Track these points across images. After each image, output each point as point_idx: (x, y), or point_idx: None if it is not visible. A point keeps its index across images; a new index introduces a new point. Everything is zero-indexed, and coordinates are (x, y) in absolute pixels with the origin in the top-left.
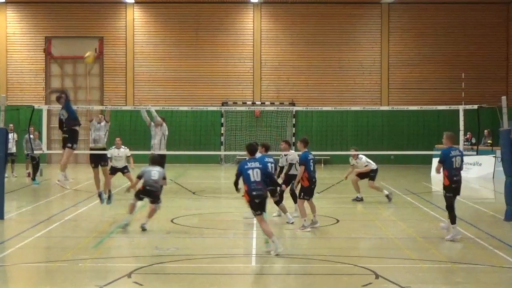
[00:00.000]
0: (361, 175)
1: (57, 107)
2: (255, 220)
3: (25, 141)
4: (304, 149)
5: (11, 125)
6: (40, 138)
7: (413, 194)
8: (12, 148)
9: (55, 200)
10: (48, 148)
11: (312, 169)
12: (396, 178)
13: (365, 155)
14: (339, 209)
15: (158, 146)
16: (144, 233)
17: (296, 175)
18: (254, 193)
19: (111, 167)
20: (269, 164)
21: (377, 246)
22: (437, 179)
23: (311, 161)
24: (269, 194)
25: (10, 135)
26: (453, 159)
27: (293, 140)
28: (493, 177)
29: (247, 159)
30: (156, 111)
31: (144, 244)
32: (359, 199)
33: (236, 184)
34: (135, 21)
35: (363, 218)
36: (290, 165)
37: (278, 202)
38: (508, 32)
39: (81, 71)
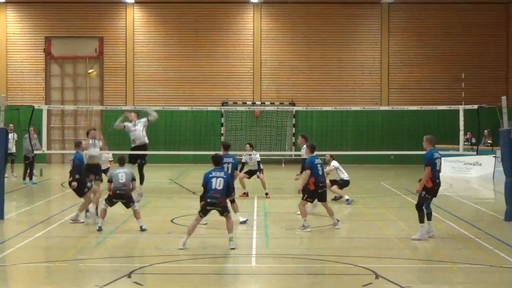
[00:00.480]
0: (333, 182)
1: (56, 107)
2: (255, 221)
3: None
4: (311, 154)
5: (11, 125)
6: (40, 138)
7: (413, 194)
8: (12, 148)
9: (55, 200)
10: (48, 148)
11: (320, 173)
12: (396, 178)
13: (365, 155)
14: (339, 209)
15: (141, 134)
16: (144, 233)
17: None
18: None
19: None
20: (225, 165)
21: (377, 246)
22: None
23: (319, 165)
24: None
25: (10, 135)
26: (436, 161)
27: (293, 140)
28: (493, 177)
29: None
30: (157, 111)
31: (144, 244)
32: (349, 202)
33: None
34: (135, 21)
35: (363, 218)
36: (258, 163)
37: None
38: (508, 32)
39: (81, 71)
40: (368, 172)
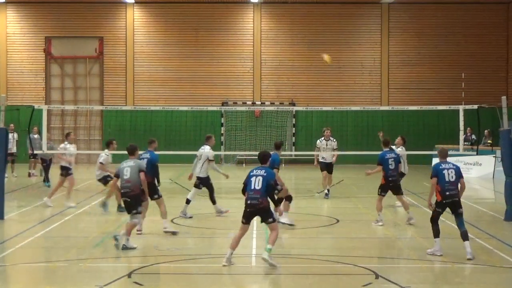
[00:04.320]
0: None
1: (56, 107)
2: (255, 221)
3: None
4: (386, 148)
5: (12, 125)
6: (40, 138)
7: (413, 194)
8: (13, 148)
9: (55, 200)
10: (48, 148)
11: (392, 167)
12: None
13: (365, 155)
14: (339, 209)
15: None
16: (144, 233)
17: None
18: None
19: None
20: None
21: (377, 246)
22: None
23: (389, 160)
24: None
25: (11, 135)
26: (444, 172)
27: (293, 140)
28: (493, 177)
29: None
30: (157, 111)
31: (144, 244)
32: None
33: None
34: (135, 21)
35: (363, 218)
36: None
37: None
38: (508, 32)
39: (81, 71)
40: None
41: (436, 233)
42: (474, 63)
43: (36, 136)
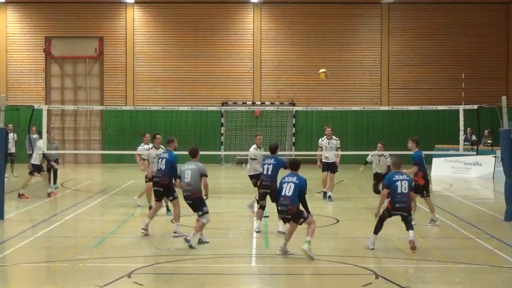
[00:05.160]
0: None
1: (56, 107)
2: (255, 220)
3: (27, 141)
4: (416, 148)
5: (10, 125)
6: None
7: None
8: (12, 148)
9: (55, 200)
10: (48, 148)
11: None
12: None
13: (365, 155)
14: (339, 209)
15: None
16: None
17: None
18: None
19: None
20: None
21: (377, 246)
22: (437, 179)
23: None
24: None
25: (10, 135)
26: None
27: (293, 140)
28: (493, 177)
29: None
30: (157, 111)
31: (144, 244)
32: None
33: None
34: (135, 21)
35: (363, 218)
36: None
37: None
38: (508, 32)
39: (81, 71)
40: (368, 172)
41: (376, 231)
42: (474, 63)
43: (35, 136)
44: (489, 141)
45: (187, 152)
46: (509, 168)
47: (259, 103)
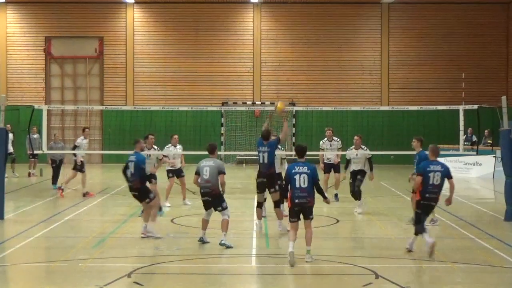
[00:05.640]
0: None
1: (56, 107)
2: (255, 221)
3: (28, 141)
4: (420, 148)
5: (8, 125)
6: (40, 139)
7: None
8: (10, 148)
9: (55, 200)
10: (48, 148)
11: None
12: (396, 178)
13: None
14: (339, 209)
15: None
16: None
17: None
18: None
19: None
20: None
21: (377, 246)
22: None
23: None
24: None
25: (10, 135)
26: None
27: (293, 140)
28: (493, 177)
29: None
30: (157, 111)
31: (144, 244)
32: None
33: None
34: (135, 21)
35: (363, 218)
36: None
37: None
38: (508, 32)
39: (81, 71)
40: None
41: (417, 231)
42: (474, 63)
43: (35, 136)
44: (489, 141)
45: (188, 152)
46: (509, 168)
47: (259, 103)
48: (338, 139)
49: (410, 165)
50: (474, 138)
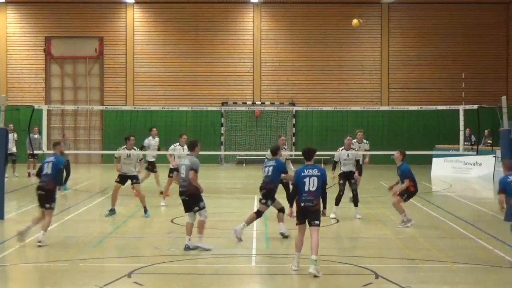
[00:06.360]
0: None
1: (56, 107)
2: (255, 221)
3: (28, 141)
4: (401, 162)
5: (11, 125)
6: (41, 139)
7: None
8: (12, 148)
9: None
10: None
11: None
12: (396, 178)
13: (365, 155)
14: (339, 209)
15: None
16: (144, 233)
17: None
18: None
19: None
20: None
21: (377, 246)
22: (437, 179)
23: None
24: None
25: (10, 135)
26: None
27: (293, 140)
28: (493, 177)
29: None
30: (157, 111)
31: (144, 244)
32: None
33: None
34: (135, 21)
35: (363, 218)
36: None
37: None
38: (508, 32)
39: (81, 71)
40: (368, 172)
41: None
42: (474, 63)
43: (36, 136)
44: (489, 141)
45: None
46: None
47: (259, 103)
48: (367, 142)
49: (410, 165)
50: (473, 138)
